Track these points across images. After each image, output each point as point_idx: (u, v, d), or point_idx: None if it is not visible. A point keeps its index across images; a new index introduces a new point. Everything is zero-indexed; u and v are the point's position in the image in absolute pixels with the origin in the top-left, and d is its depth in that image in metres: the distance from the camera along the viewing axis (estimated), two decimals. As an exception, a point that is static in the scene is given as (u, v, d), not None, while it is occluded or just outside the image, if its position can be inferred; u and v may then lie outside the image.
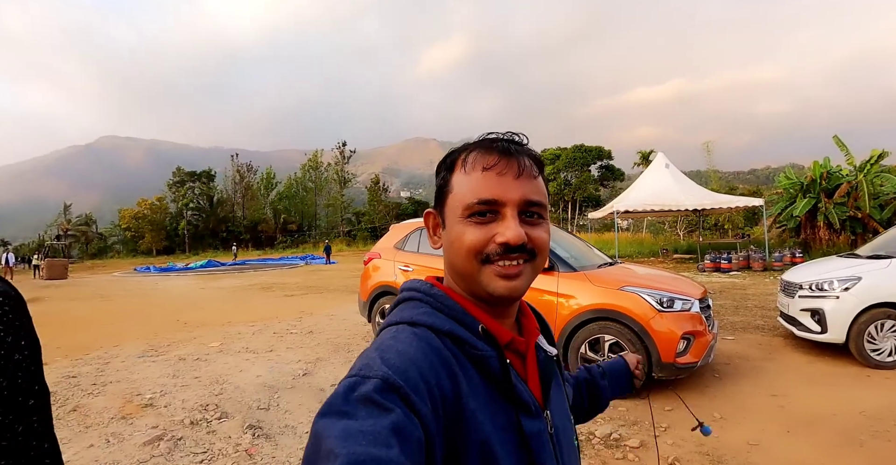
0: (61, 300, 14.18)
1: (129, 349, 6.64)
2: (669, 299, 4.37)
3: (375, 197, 61.78)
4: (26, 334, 0.90)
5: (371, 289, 6.38)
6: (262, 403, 4.24)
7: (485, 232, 0.68)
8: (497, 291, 0.69)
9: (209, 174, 64.59)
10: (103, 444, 3.54)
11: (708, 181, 34.28)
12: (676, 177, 18.79)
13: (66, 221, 64.23)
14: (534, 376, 0.76)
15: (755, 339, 6.46)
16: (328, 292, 13.53)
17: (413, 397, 0.56)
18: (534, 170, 0.72)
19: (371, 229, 55.94)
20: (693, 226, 31.59)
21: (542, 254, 0.72)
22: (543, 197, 0.73)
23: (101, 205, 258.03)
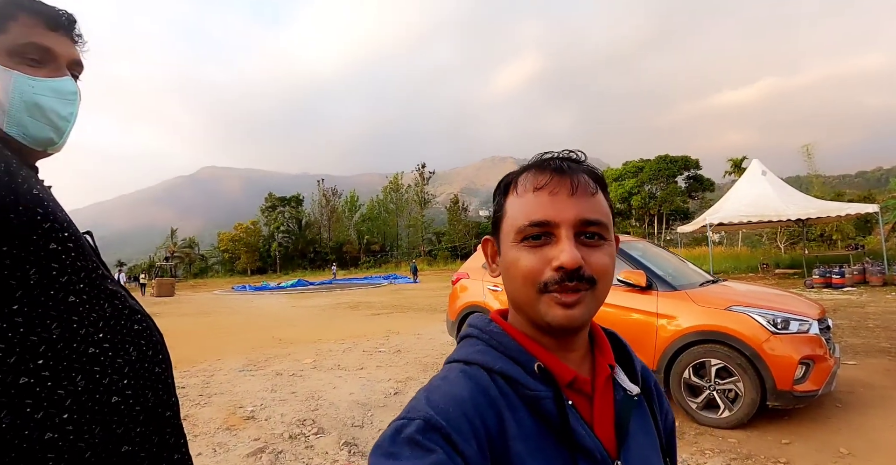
0: (170, 316, 15.33)
1: (230, 363, 7.02)
2: (784, 319, 3.98)
3: (455, 217, 62.50)
4: (161, 349, 0.94)
5: (459, 309, 6.36)
6: (356, 420, 4.31)
7: (539, 257, 0.63)
8: (555, 320, 0.63)
9: (298, 199, 68.34)
10: (210, 453, 3.72)
11: (810, 188, 31.60)
12: (775, 184, 17.43)
13: (173, 244, 70.08)
14: (605, 418, 0.67)
15: (881, 364, 5.77)
16: (413, 311, 13.70)
17: (455, 436, 0.56)
18: (591, 186, 0.66)
19: (451, 249, 56.49)
20: (796, 238, 29.24)
21: (602, 280, 0.64)
22: (604, 216, 0.66)
23: (202, 229, 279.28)
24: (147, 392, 0.86)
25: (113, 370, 0.83)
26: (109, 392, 0.81)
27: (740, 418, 3.88)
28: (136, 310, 0.91)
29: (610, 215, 0.68)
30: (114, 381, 0.82)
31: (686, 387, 4.13)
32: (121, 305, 0.86)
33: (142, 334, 0.89)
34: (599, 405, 0.67)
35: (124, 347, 0.84)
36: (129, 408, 0.84)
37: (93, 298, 0.81)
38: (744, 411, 3.87)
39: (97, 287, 0.83)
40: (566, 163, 0.68)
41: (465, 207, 67.47)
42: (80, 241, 0.83)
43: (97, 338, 0.80)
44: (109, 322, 0.83)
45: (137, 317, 0.90)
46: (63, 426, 0.74)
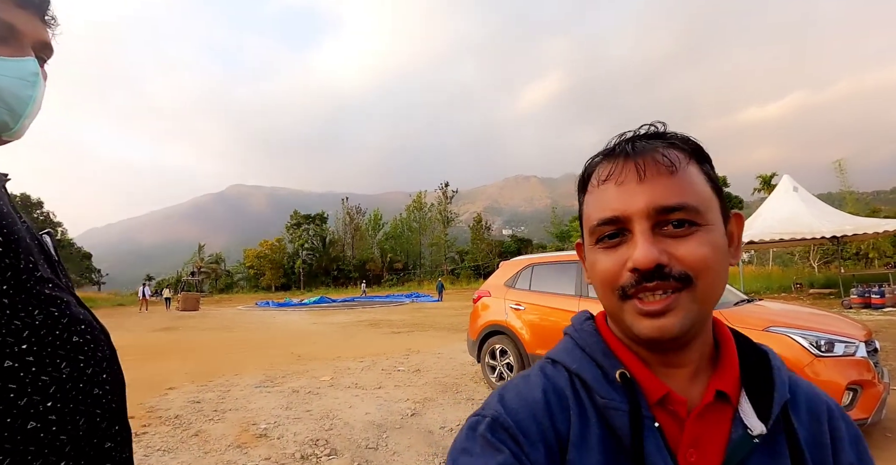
0: (192, 330, 15.42)
1: (247, 378, 6.92)
2: (828, 341, 3.72)
3: (478, 235, 62.36)
4: (109, 367, 0.80)
5: (481, 328, 6.18)
6: (370, 442, 4.13)
7: (616, 258, 0.55)
8: (643, 333, 0.54)
9: (322, 217, 69.14)
10: (220, 474, 3.59)
11: (843, 204, 30.64)
12: (807, 201, 16.88)
13: (200, 259, 71.25)
14: (709, 455, 0.54)
15: (934, 390, 5.38)
16: (434, 329, 13.50)
17: (521, 438, 0.55)
18: (667, 164, 0.55)
19: (474, 268, 56.26)
20: (830, 256, 28.30)
21: (703, 276, 0.53)
22: (690, 196, 0.54)
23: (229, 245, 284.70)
24: (78, 418, 0.72)
25: (95, 362, 0.75)
26: (92, 383, 0.73)
27: (784, 448, 3.61)
28: (81, 319, 0.78)
29: (706, 193, 0.56)
30: (96, 373, 0.74)
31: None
32: (58, 312, 0.74)
33: (81, 349, 0.76)
34: (697, 436, 0.55)
35: (54, 362, 0.71)
36: (109, 403, 0.75)
37: (18, 303, 0.69)
38: (787, 440, 3.60)
39: (27, 291, 0.71)
40: (637, 143, 0.57)
41: (488, 226, 67.27)
42: (14, 236, 0.71)
43: (17, 350, 0.67)
44: (38, 332, 0.71)
45: (80, 328, 0.77)
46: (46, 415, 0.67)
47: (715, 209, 0.56)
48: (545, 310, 5.52)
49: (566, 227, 57.72)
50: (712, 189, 0.57)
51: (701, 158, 0.59)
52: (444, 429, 4.44)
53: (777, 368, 0.60)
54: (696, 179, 0.56)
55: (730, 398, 0.56)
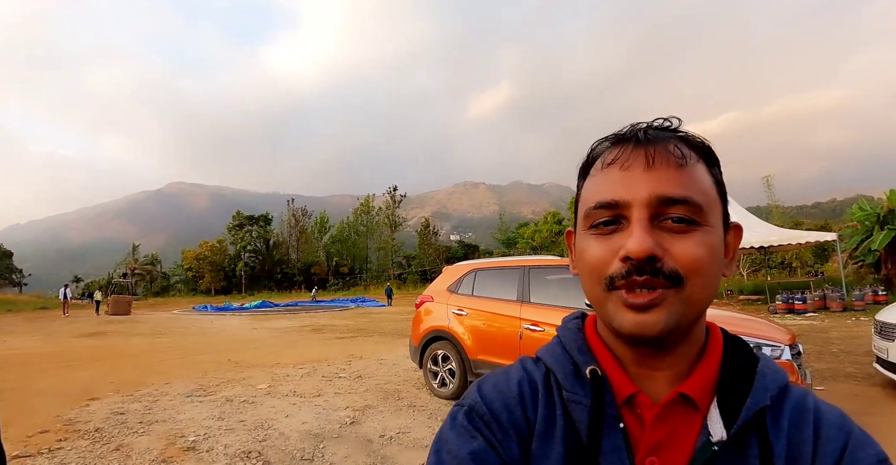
0: (122, 336, 14.57)
1: (178, 387, 6.58)
2: (756, 345, 3.90)
3: (426, 241, 62.31)
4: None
5: (423, 333, 6.12)
6: (306, 453, 3.98)
7: (608, 246, 0.52)
8: (623, 326, 0.51)
9: (266, 218, 67.20)
10: (141, 492, 3.36)
11: (770, 217, 32.60)
12: (739, 213, 17.85)
13: (134, 260, 67.82)
14: (675, 461, 0.51)
15: (848, 389, 5.75)
16: (378, 335, 13.33)
17: (494, 426, 0.56)
18: (678, 156, 0.53)
19: (421, 273, 56.14)
20: (758, 265, 29.91)
21: (694, 278, 0.50)
22: (696, 192, 0.52)
23: (166, 246, 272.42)
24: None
25: None
26: None
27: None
28: None
29: (711, 194, 0.54)
30: None
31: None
32: None
33: None
34: (661, 440, 0.52)
35: None
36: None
37: None
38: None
39: None
40: (650, 131, 0.55)
41: (436, 231, 67.33)
42: None
43: None
44: None
45: None
46: None
47: (717, 212, 0.55)
48: (487, 316, 5.52)
49: (513, 233, 58.61)
50: (717, 192, 0.56)
51: (711, 161, 0.57)
52: (384, 438, 4.35)
53: (763, 374, 0.55)
54: (703, 177, 0.54)
55: (696, 402, 0.53)
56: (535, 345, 4.97)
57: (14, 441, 4.37)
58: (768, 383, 0.54)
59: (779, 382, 0.55)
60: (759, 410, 0.52)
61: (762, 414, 0.52)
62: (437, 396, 5.81)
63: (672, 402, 0.53)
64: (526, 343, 5.02)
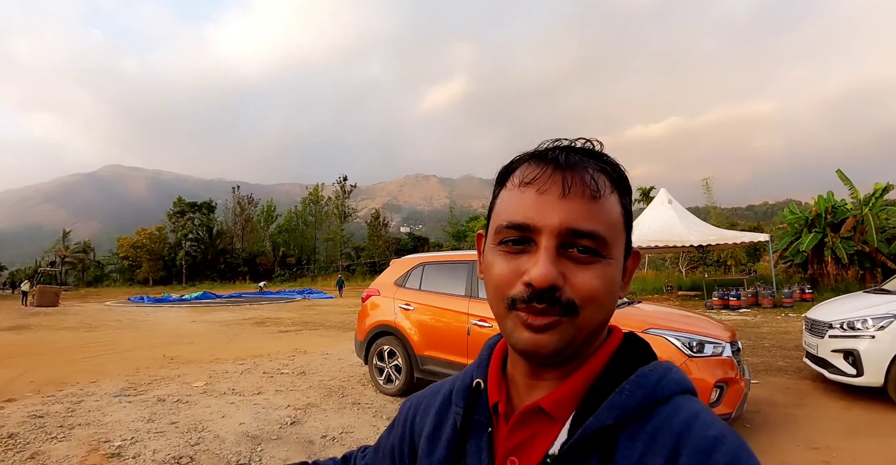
0: (47, 330, 13.67)
1: (106, 386, 6.17)
2: (699, 342, 3.98)
3: (375, 232, 61.75)
4: None
5: (369, 328, 5.97)
6: (242, 456, 3.78)
7: (514, 266, 0.54)
8: (519, 344, 0.54)
9: (210, 206, 64.72)
10: (56, 504, 3.09)
11: (708, 218, 34.15)
12: (679, 213, 18.56)
13: (64, 247, 63.95)
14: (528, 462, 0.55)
15: (781, 382, 6.02)
16: (324, 328, 13.06)
17: (402, 422, 0.72)
18: (593, 188, 0.54)
19: (370, 264, 55.62)
20: (696, 262, 31.22)
21: (588, 308, 0.53)
22: (603, 226, 0.54)
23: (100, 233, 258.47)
24: None
25: None
26: None
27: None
28: None
29: (618, 227, 0.56)
30: None
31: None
32: None
33: None
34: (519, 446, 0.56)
35: None
36: None
37: None
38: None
39: None
40: (573, 155, 0.56)
41: (385, 222, 66.81)
42: None
43: None
44: None
45: None
46: None
47: (621, 244, 0.57)
48: (435, 310, 5.44)
49: (463, 227, 58.84)
50: (624, 223, 0.57)
51: (624, 191, 0.58)
52: (326, 438, 4.20)
53: (621, 391, 0.53)
54: (613, 210, 0.56)
55: (551, 414, 0.55)
56: (482, 341, 4.88)
57: (-88, 449, 3.96)
58: (623, 401, 0.52)
59: (639, 400, 0.52)
60: (600, 428, 0.51)
61: (606, 432, 0.51)
62: (382, 393, 5.69)
63: (530, 411, 0.56)
64: (474, 339, 4.97)
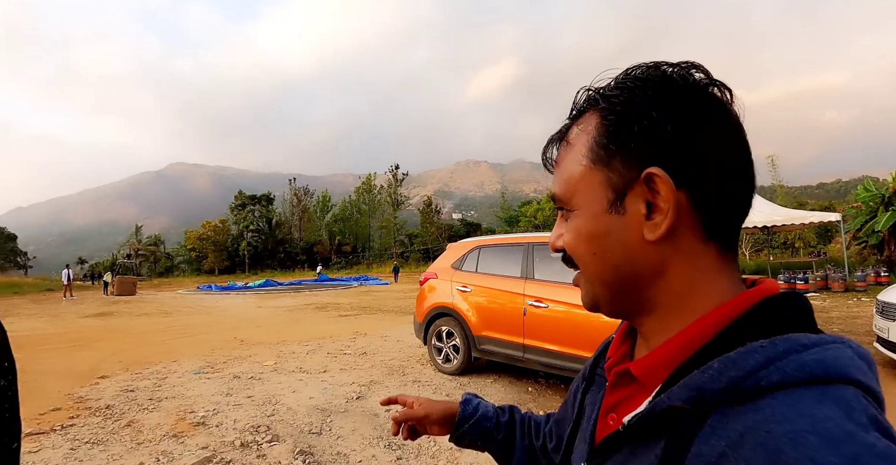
0: (128, 316, 14.73)
1: (186, 365, 6.67)
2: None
3: (428, 219, 62.35)
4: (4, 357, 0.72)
5: (427, 310, 6.16)
6: (314, 426, 4.05)
7: None
8: None
9: (268, 198, 67.21)
10: (153, 462, 3.43)
11: (774, 197, 32.51)
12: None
13: (137, 241, 68.05)
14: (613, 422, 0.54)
15: (850, 368, 5.79)
16: (381, 312, 13.44)
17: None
18: (552, 156, 0.58)
19: (423, 251, 56.31)
20: (760, 244, 29.92)
21: (577, 259, 0.54)
22: (559, 186, 0.55)
23: (169, 227, 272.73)
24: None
25: None
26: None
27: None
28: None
29: (574, 175, 0.53)
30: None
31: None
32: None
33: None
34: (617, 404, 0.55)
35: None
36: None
37: None
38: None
39: None
40: (554, 134, 0.58)
41: (438, 209, 67.32)
42: None
43: None
44: None
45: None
46: None
47: (584, 190, 0.52)
48: (491, 292, 5.55)
49: (515, 212, 58.53)
50: (591, 162, 0.51)
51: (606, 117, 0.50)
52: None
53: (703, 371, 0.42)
54: (569, 162, 0.54)
55: (639, 380, 0.50)
56: (538, 321, 5.01)
57: (27, 419, 4.45)
58: (703, 382, 0.41)
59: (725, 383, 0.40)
60: (668, 408, 0.43)
61: (678, 415, 0.43)
62: (441, 372, 5.88)
63: (623, 373, 0.54)
64: (530, 319, 5.05)
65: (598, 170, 0.50)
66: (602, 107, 0.51)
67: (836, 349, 0.41)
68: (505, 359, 5.33)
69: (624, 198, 0.49)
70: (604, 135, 0.50)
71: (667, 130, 0.47)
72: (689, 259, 0.49)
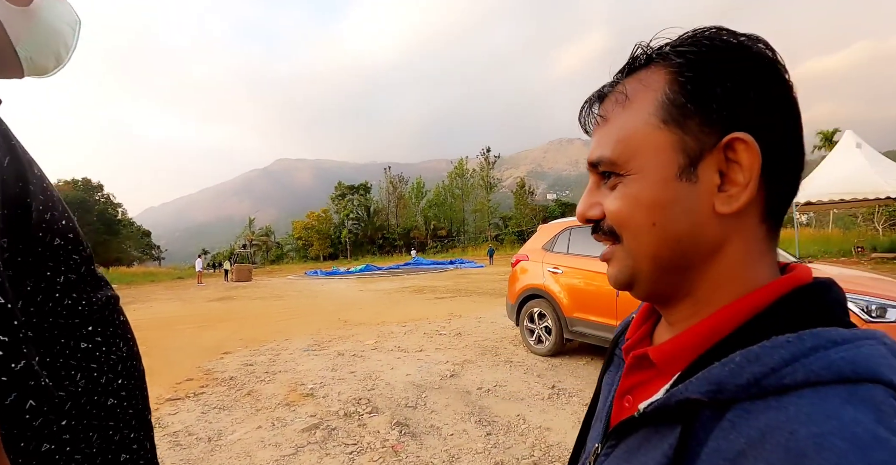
0: (245, 300, 16.12)
1: (296, 343, 7.24)
2: (880, 306, 3.53)
3: (521, 201, 61.85)
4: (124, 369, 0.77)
5: (519, 292, 6.21)
6: (410, 401, 4.28)
7: None
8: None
9: (366, 187, 70.03)
10: (269, 426, 3.82)
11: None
12: (872, 158, 15.66)
13: (251, 232, 73.86)
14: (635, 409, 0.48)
15: None
16: (476, 295, 13.63)
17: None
18: (602, 114, 0.51)
19: (518, 233, 56.04)
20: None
21: (623, 231, 0.48)
22: (607, 148, 0.49)
23: (278, 219, 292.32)
24: (137, 393, 0.75)
25: (109, 368, 0.71)
26: (106, 393, 0.70)
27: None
28: (117, 297, 0.78)
29: (634, 137, 0.47)
30: (110, 380, 0.71)
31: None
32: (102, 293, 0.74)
33: (126, 326, 0.77)
34: (634, 386, 0.53)
35: (115, 341, 0.72)
36: (124, 411, 0.73)
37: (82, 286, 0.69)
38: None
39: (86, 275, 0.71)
40: (604, 88, 0.53)
41: (531, 190, 66.54)
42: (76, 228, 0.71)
43: (89, 331, 0.68)
44: (101, 312, 0.71)
45: (119, 306, 0.77)
46: (61, 434, 0.61)
47: (648, 153, 0.46)
48: (582, 273, 5.48)
49: (612, 191, 56.20)
50: (662, 121, 0.46)
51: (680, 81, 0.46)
52: (482, 390, 4.55)
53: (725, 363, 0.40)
54: (627, 122, 0.48)
55: (658, 365, 0.49)
56: (631, 303, 4.87)
57: (165, 387, 5.12)
58: (724, 375, 0.39)
59: (747, 378, 0.38)
60: (685, 400, 0.41)
61: (694, 407, 0.41)
62: (533, 352, 5.93)
63: (641, 357, 0.52)
64: (623, 301, 4.95)
65: (670, 131, 0.45)
66: (676, 62, 0.46)
67: (868, 347, 0.37)
68: (598, 341, 5.26)
69: (698, 164, 0.45)
70: (679, 92, 0.45)
71: (750, 97, 0.44)
72: (746, 239, 0.46)
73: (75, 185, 51.93)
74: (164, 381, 5.35)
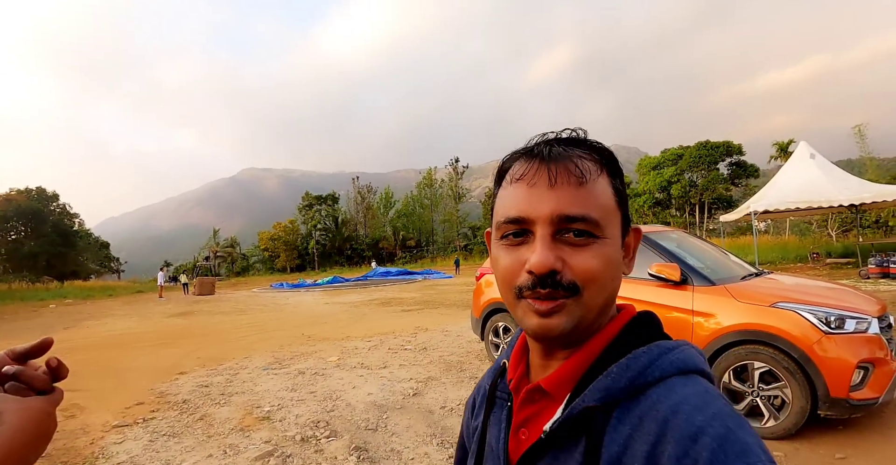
0: (207, 315, 15.62)
1: (256, 361, 6.99)
2: (839, 317, 3.57)
3: (490, 211, 62.15)
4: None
5: (484, 305, 6.13)
6: (370, 423, 4.14)
7: (516, 257, 0.58)
8: (530, 329, 0.58)
9: (334, 197, 69.24)
10: (220, 454, 3.62)
11: (863, 171, 29.75)
12: (825, 168, 16.36)
13: (216, 244, 72.15)
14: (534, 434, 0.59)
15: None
16: (444, 307, 13.53)
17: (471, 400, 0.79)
18: (578, 174, 0.57)
19: (486, 243, 56.21)
20: (848, 225, 27.77)
21: (590, 287, 0.56)
22: (594, 209, 0.57)
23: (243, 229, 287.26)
24: None
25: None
26: None
27: (787, 428, 3.52)
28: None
29: (610, 208, 0.59)
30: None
31: (726, 392, 3.78)
32: None
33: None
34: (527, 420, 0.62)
35: None
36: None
37: None
38: (791, 420, 3.51)
39: None
40: (557, 147, 0.60)
41: (500, 201, 66.87)
42: None
43: None
44: None
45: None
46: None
47: (615, 224, 0.59)
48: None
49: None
50: (617, 203, 0.60)
51: (613, 172, 0.61)
52: (445, 409, 4.44)
53: (609, 373, 0.55)
54: (602, 192, 0.58)
55: (549, 393, 0.59)
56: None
57: (114, 412, 4.83)
58: (608, 384, 0.54)
59: (625, 382, 0.53)
60: (584, 409, 0.54)
61: (592, 414, 0.53)
62: (499, 367, 5.84)
63: (534, 390, 0.61)
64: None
65: (619, 213, 0.61)
66: (603, 169, 0.60)
67: (688, 350, 0.57)
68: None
69: (624, 239, 0.62)
70: (617, 190, 0.61)
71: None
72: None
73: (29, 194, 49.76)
74: (112, 405, 5.06)
